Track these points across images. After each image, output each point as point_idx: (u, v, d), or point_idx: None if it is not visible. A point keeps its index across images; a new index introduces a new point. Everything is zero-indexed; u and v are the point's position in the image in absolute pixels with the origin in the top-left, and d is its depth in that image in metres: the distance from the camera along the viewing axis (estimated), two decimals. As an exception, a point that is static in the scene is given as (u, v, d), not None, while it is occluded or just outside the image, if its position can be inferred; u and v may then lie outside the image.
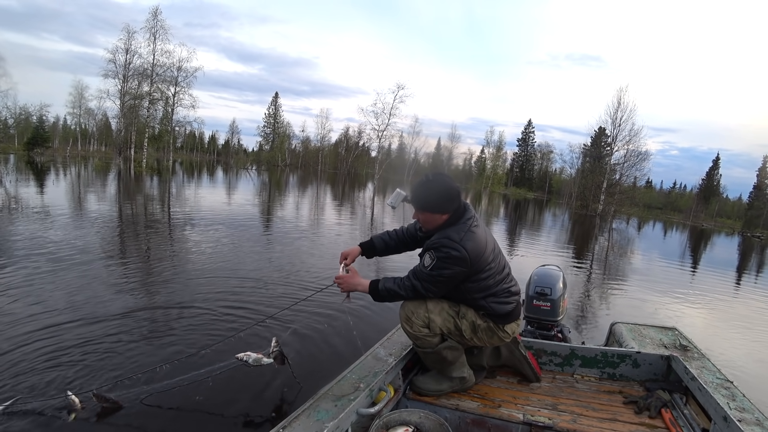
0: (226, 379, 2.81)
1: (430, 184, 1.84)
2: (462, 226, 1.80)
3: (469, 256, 1.74)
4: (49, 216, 8.45)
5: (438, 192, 1.82)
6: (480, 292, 1.88)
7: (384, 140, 46.85)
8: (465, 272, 1.78)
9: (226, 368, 2.79)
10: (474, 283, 1.86)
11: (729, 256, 19.87)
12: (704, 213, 50.21)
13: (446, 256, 1.74)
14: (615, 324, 2.84)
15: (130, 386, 2.71)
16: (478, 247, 1.78)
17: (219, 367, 2.80)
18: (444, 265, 1.76)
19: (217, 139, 74.38)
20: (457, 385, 2.04)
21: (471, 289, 1.87)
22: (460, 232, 1.77)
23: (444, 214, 1.84)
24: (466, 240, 1.75)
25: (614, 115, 36.88)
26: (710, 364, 2.10)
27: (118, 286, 4.86)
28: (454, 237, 1.75)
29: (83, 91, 41.35)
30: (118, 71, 28.63)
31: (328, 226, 11.67)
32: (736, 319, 7.34)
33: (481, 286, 1.87)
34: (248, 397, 2.83)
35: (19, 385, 2.72)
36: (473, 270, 1.80)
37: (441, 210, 1.83)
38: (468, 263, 1.75)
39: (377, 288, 1.92)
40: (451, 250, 1.73)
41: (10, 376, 2.81)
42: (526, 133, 65.26)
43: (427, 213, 1.86)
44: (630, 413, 1.91)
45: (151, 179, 22.61)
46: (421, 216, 1.90)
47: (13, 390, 2.65)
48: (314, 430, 1.40)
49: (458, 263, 1.75)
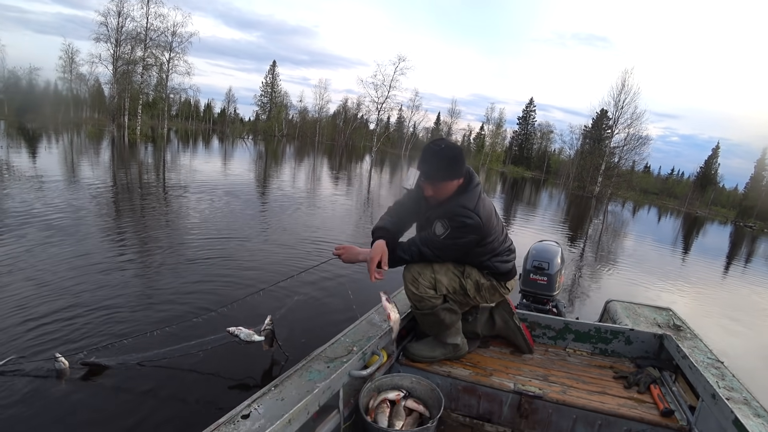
0: (216, 350, 2.82)
1: (443, 151, 1.75)
2: (473, 192, 1.78)
3: (483, 223, 1.74)
4: (44, 183, 8.31)
5: (451, 157, 1.75)
6: (486, 255, 1.90)
7: (383, 113, 46.28)
8: (477, 239, 1.80)
9: (217, 343, 2.79)
10: (482, 247, 1.87)
11: (721, 244, 20.08)
12: (699, 201, 50.49)
13: (461, 225, 1.72)
14: (610, 302, 2.85)
15: (120, 352, 2.72)
16: (488, 213, 1.79)
17: (210, 341, 2.80)
18: (459, 234, 1.75)
19: (213, 108, 72.92)
20: (450, 353, 2.05)
21: (478, 252, 1.88)
22: (473, 199, 1.75)
23: (458, 179, 1.79)
24: (480, 207, 1.74)
25: (617, 98, 36.54)
26: (702, 344, 2.11)
27: (112, 253, 4.83)
28: (469, 205, 1.73)
29: (74, 56, 40.08)
30: (110, 35, 27.67)
31: (326, 197, 11.63)
32: (727, 305, 7.50)
33: (487, 249, 1.89)
34: (238, 368, 2.85)
35: (8, 349, 2.72)
36: (484, 235, 1.81)
37: (456, 175, 1.78)
38: (482, 230, 1.76)
39: (394, 251, 1.86)
40: (466, 219, 1.72)
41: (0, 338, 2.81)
42: (527, 111, 64.51)
43: (443, 182, 1.77)
44: (619, 387, 1.93)
45: (146, 147, 22.25)
46: (435, 188, 1.79)
47: (1, 353, 2.65)
48: (306, 389, 1.40)
49: (473, 231, 1.75)
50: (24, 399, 2.32)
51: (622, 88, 36.21)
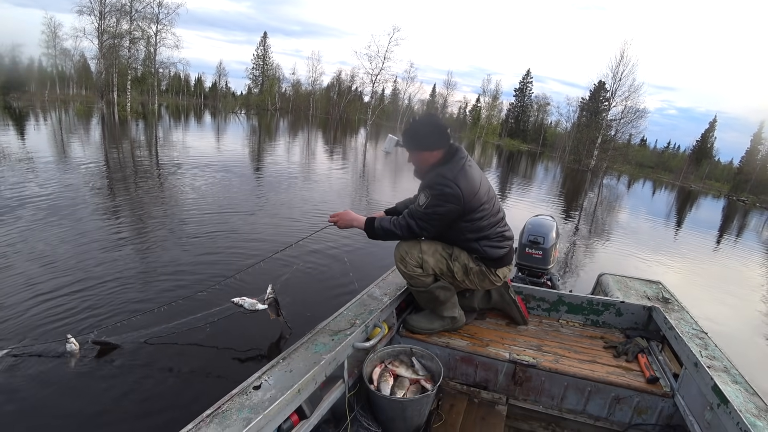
0: (223, 323, 2.91)
1: (418, 122, 1.90)
2: (455, 164, 1.81)
3: (462, 194, 1.76)
4: (33, 163, 8.20)
5: (426, 128, 1.86)
6: (473, 233, 1.90)
7: (377, 85, 45.16)
8: (459, 210, 1.80)
9: (223, 315, 2.88)
10: (468, 223, 1.87)
11: (713, 218, 20.29)
12: (694, 175, 50.52)
13: (440, 194, 1.76)
14: (602, 275, 2.92)
15: (129, 329, 2.79)
16: (471, 185, 1.80)
17: (216, 312, 2.89)
18: (437, 203, 1.77)
19: (203, 82, 71.06)
20: (448, 325, 2.12)
21: (464, 228, 1.89)
22: (453, 170, 1.79)
23: (435, 151, 1.85)
24: (460, 177, 1.77)
25: (615, 69, 35.82)
26: (688, 316, 2.19)
27: (112, 231, 4.87)
28: (448, 175, 1.77)
29: (57, 30, 38.52)
30: (94, 7, 26.36)
31: (321, 171, 11.63)
32: (717, 278, 7.68)
33: (474, 227, 1.89)
34: (244, 340, 2.95)
35: (20, 328, 2.80)
36: (467, 209, 1.81)
37: (431, 146, 1.85)
38: (461, 200, 1.77)
39: (373, 226, 1.93)
40: (444, 187, 1.75)
41: (11, 322, 2.87)
42: (524, 83, 63.33)
43: (419, 152, 1.88)
44: (609, 356, 2.03)
45: (137, 124, 21.84)
46: (414, 158, 1.92)
47: (14, 335, 2.72)
48: (312, 361, 1.47)
49: (451, 200, 1.76)
50: (37, 379, 2.40)
51: (620, 59, 35.43)
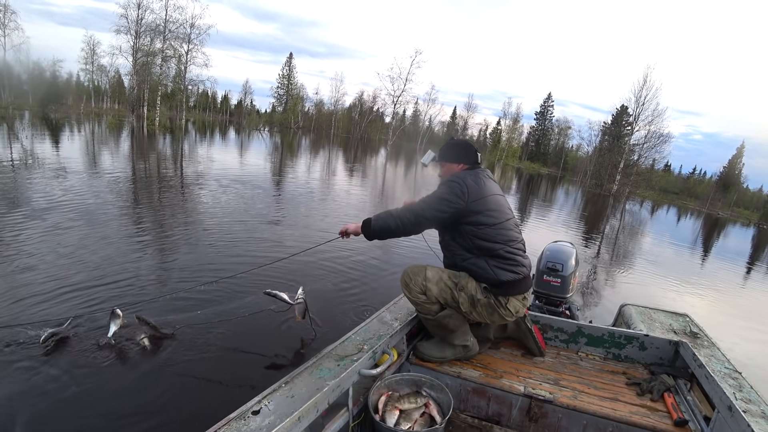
0: (248, 322, 3.13)
1: (454, 140, 2.15)
2: (471, 172, 1.95)
3: (468, 190, 1.84)
4: (67, 172, 8.57)
5: (459, 145, 2.10)
6: (481, 240, 1.84)
7: (399, 106, 45.87)
8: (461, 205, 1.82)
9: (252, 311, 3.22)
10: (473, 227, 1.84)
11: (743, 247, 19.47)
12: (721, 202, 48.84)
13: (447, 183, 1.89)
14: (625, 306, 2.80)
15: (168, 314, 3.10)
16: (479, 188, 1.87)
17: (248, 303, 3.34)
18: (443, 190, 1.87)
19: (229, 99, 73.32)
20: (459, 353, 2.03)
21: (469, 232, 1.85)
22: (467, 174, 1.93)
23: (461, 164, 2.03)
24: (469, 178, 1.89)
25: (638, 93, 35.47)
26: (719, 353, 2.06)
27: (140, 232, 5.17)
28: (460, 174, 1.92)
29: (95, 47, 40.82)
30: (130, 27, 28.02)
31: (339, 188, 11.84)
32: (748, 312, 7.27)
33: (481, 233, 1.84)
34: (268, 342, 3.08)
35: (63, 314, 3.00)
36: (471, 208, 1.83)
37: (458, 159, 2.05)
38: (465, 196, 1.83)
39: (370, 221, 1.92)
40: (452, 181, 1.89)
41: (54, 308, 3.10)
42: (545, 106, 63.10)
43: (448, 163, 2.07)
44: (632, 394, 1.89)
45: (164, 138, 22.64)
46: (443, 170, 2.10)
47: (60, 318, 2.91)
48: (315, 387, 1.41)
49: (455, 190, 1.84)
50: (85, 361, 2.56)
51: (643, 83, 35.16)
